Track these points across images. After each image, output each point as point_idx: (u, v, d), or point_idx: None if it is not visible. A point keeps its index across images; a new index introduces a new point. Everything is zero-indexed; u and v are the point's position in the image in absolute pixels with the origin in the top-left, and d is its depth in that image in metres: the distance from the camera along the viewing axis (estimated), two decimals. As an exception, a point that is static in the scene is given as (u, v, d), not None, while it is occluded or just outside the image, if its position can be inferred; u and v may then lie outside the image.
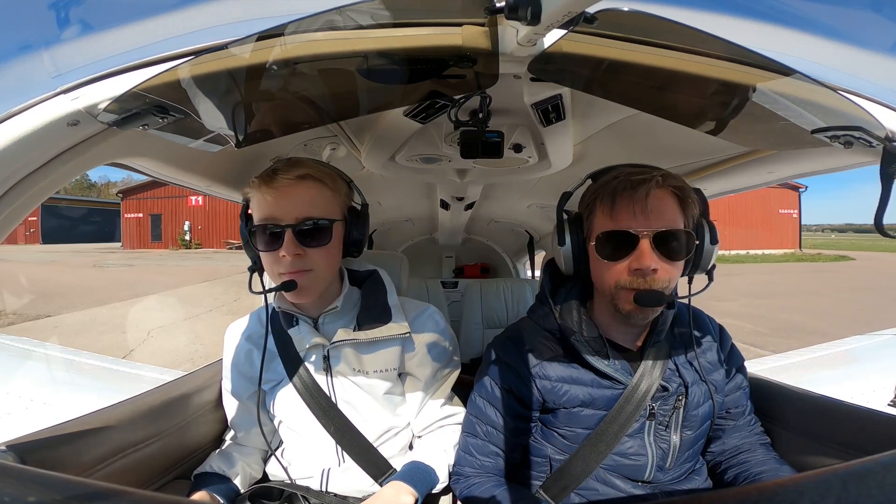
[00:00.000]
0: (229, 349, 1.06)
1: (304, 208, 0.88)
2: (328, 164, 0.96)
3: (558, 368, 0.89)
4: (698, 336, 0.95)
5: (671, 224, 0.80)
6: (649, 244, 0.79)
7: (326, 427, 0.96)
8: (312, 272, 0.90)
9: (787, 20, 0.61)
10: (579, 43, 0.59)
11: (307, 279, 0.90)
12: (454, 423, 1.04)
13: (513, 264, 3.31)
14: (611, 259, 0.82)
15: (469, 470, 0.93)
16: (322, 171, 0.91)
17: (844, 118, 0.61)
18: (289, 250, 0.86)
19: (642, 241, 0.79)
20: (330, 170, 0.94)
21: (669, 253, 0.80)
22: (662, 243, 0.79)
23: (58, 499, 0.27)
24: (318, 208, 0.89)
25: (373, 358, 0.98)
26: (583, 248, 0.88)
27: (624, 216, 0.80)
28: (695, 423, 0.89)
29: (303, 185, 0.88)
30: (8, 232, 0.62)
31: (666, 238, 0.79)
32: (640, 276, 0.79)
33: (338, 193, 0.94)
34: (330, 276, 0.96)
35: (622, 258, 0.81)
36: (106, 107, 0.57)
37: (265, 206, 0.88)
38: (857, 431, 0.88)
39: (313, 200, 0.89)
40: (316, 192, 0.89)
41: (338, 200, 0.94)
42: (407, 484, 0.89)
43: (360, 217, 0.97)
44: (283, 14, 0.53)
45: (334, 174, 0.94)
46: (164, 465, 0.98)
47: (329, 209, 0.91)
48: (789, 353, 2.95)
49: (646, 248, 0.79)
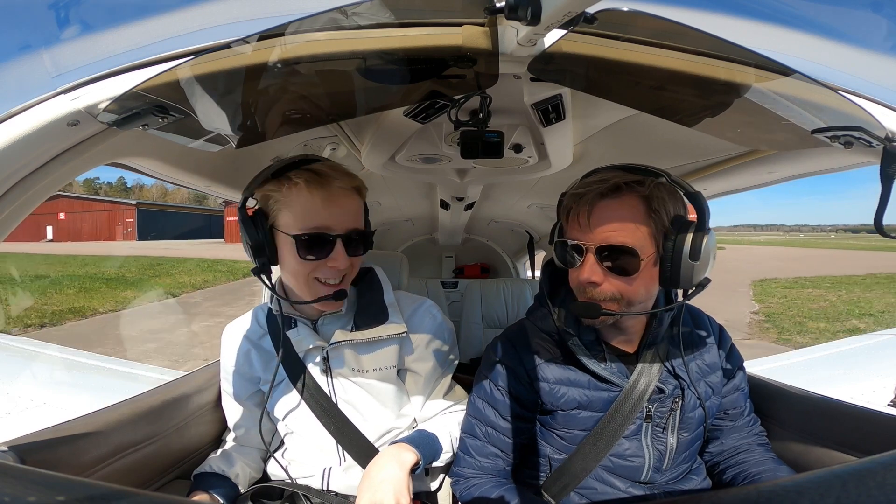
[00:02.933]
0: (227, 350, 1.06)
1: (352, 219, 0.89)
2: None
3: (556, 370, 0.89)
4: (698, 336, 0.95)
5: (619, 237, 0.77)
6: (593, 257, 0.79)
7: (327, 427, 0.96)
8: (345, 280, 0.92)
9: (787, 20, 0.61)
10: (579, 43, 0.59)
11: (344, 287, 0.92)
12: (458, 410, 1.05)
13: (513, 264, 3.31)
14: (567, 266, 0.84)
15: (469, 471, 0.93)
16: (361, 181, 0.92)
17: (844, 118, 0.61)
18: (342, 261, 0.87)
19: (587, 254, 0.79)
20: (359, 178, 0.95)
21: (614, 269, 0.78)
22: (606, 257, 0.78)
23: (58, 499, 0.27)
24: (360, 219, 0.92)
25: (371, 357, 0.98)
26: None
27: (573, 227, 0.82)
28: (691, 424, 0.89)
29: (353, 195, 0.89)
30: (8, 232, 0.62)
31: (608, 252, 0.78)
32: (587, 288, 0.81)
33: (363, 200, 0.95)
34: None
35: (574, 267, 0.82)
36: (106, 107, 0.57)
37: (314, 213, 0.84)
38: (857, 431, 0.88)
39: (357, 211, 0.91)
40: (359, 204, 0.91)
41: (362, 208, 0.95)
42: (409, 444, 0.89)
43: (367, 219, 0.98)
44: (284, 14, 0.53)
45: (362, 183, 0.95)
46: (164, 465, 0.98)
47: (363, 219, 0.93)
48: (789, 353, 2.95)
49: (589, 260, 0.79)
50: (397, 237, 3.00)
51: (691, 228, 0.77)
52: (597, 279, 0.79)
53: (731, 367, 0.97)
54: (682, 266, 0.76)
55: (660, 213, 0.77)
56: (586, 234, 0.79)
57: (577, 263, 0.81)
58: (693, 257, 0.76)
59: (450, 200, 1.97)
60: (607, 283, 0.79)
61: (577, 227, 0.80)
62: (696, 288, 0.79)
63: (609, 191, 0.77)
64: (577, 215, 0.80)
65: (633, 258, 0.77)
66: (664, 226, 0.78)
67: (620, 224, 0.77)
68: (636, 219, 0.77)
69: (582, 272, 0.80)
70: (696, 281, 0.77)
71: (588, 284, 0.80)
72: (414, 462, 0.86)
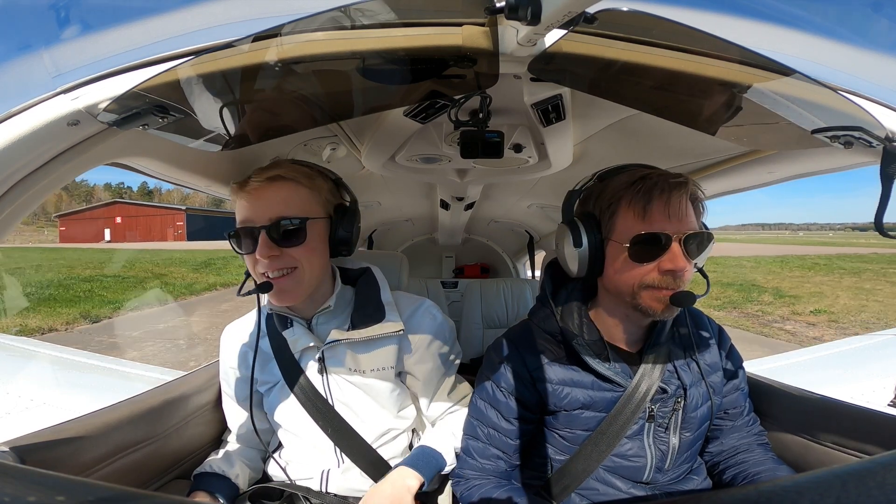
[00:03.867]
0: (225, 351, 1.06)
1: (276, 208, 0.87)
2: (307, 163, 0.95)
3: (559, 371, 0.89)
4: (699, 337, 0.95)
5: (696, 226, 0.82)
6: (679, 246, 0.79)
7: (324, 429, 0.96)
8: (296, 272, 0.89)
9: (787, 20, 0.61)
10: (579, 43, 0.59)
11: (290, 281, 0.89)
12: (463, 406, 1.05)
13: (513, 264, 3.31)
14: (642, 261, 0.81)
15: (470, 472, 0.93)
16: (296, 170, 0.90)
17: (844, 118, 0.61)
18: (262, 252, 0.86)
19: (674, 244, 0.79)
20: (308, 168, 0.93)
21: (693, 254, 0.81)
22: (688, 245, 0.80)
23: (58, 499, 0.27)
24: (293, 207, 0.88)
25: (369, 357, 0.98)
26: (601, 249, 0.86)
27: (658, 219, 0.80)
28: (693, 424, 0.89)
29: (274, 185, 0.88)
30: (8, 232, 0.62)
31: (692, 240, 0.80)
32: (672, 276, 0.80)
33: (317, 191, 0.92)
34: (317, 276, 0.94)
35: (652, 259, 0.80)
36: (106, 107, 0.57)
37: (241, 210, 0.89)
38: (857, 431, 0.88)
39: (286, 200, 0.88)
40: (288, 192, 0.89)
41: (317, 198, 0.92)
42: (412, 468, 0.89)
43: (348, 214, 0.95)
44: (283, 14, 0.53)
45: (313, 172, 0.93)
46: (163, 465, 0.98)
47: (305, 208, 0.90)
48: (789, 354, 2.95)
49: (677, 250, 0.79)
50: (397, 237, 3.00)
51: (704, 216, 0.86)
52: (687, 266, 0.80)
53: (732, 367, 0.97)
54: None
55: (699, 209, 0.84)
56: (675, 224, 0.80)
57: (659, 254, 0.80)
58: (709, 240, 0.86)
59: (450, 200, 1.97)
60: (687, 271, 0.81)
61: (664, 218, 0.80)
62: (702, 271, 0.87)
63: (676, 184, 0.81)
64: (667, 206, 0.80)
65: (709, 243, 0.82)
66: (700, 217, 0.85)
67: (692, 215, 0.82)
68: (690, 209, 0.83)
69: (677, 261, 0.79)
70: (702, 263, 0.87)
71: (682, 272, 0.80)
72: (418, 487, 0.87)
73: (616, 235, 0.83)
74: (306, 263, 0.90)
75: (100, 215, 48.02)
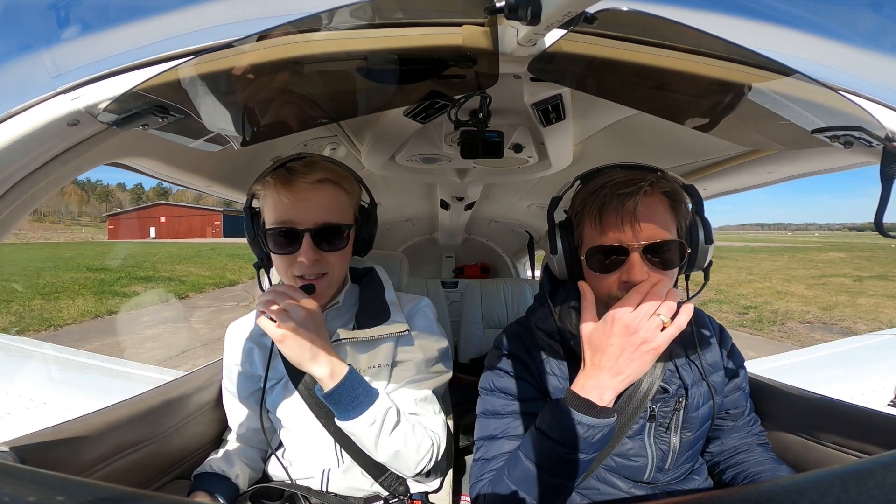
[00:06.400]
0: (230, 348, 1.06)
1: (322, 213, 0.87)
2: (342, 164, 0.94)
3: (560, 368, 0.89)
4: (701, 336, 0.94)
5: (661, 234, 0.77)
6: (639, 257, 0.76)
7: (326, 427, 0.96)
8: (327, 275, 0.90)
9: (787, 20, 0.61)
10: (579, 43, 0.59)
11: (323, 283, 0.90)
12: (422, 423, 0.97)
13: (513, 264, 3.31)
14: (601, 272, 0.80)
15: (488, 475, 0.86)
16: (339, 173, 0.90)
17: (844, 118, 0.61)
18: (308, 256, 0.86)
19: (632, 255, 0.76)
20: (344, 171, 0.92)
21: (661, 263, 0.78)
22: (653, 254, 0.77)
23: (58, 499, 0.27)
24: (336, 213, 0.89)
25: (370, 356, 0.98)
26: (575, 256, 0.85)
27: (612, 229, 0.78)
28: (694, 424, 0.89)
29: (321, 189, 0.87)
30: (9, 232, 0.62)
31: (656, 249, 0.77)
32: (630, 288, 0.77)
33: (352, 195, 0.93)
34: (342, 278, 0.96)
35: (613, 271, 0.79)
36: (106, 107, 0.57)
37: (281, 209, 0.86)
38: (857, 431, 0.88)
39: (331, 205, 0.88)
40: (333, 197, 0.89)
41: (353, 203, 0.94)
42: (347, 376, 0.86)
43: (370, 216, 0.97)
44: (284, 14, 0.53)
45: (349, 175, 0.93)
46: (164, 465, 0.98)
47: (345, 213, 0.91)
48: (789, 354, 2.95)
49: (636, 261, 0.76)
50: (397, 237, 3.00)
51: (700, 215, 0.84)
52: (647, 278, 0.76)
53: (733, 366, 0.97)
54: (700, 250, 0.83)
55: (680, 208, 0.81)
56: (630, 234, 0.76)
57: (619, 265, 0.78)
58: (707, 241, 0.83)
59: (450, 200, 1.98)
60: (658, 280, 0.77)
61: (618, 228, 0.77)
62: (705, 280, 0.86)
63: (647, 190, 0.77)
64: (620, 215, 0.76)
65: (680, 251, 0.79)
66: (686, 218, 0.82)
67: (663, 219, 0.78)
68: (668, 213, 0.80)
69: (633, 273, 0.75)
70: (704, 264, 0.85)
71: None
72: (337, 379, 0.84)
73: (582, 244, 0.83)
74: (338, 267, 0.91)
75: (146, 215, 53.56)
